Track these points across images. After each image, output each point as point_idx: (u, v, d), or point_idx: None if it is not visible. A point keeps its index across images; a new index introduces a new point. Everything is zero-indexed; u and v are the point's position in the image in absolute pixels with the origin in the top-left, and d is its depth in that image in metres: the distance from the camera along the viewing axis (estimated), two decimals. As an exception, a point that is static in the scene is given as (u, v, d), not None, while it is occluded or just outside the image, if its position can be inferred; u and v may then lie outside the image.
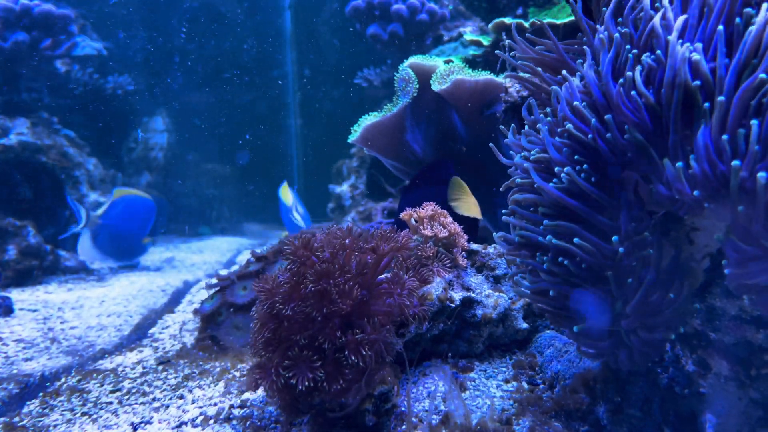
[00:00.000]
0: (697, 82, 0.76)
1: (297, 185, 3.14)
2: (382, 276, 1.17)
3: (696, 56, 0.77)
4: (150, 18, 5.22)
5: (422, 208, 1.51)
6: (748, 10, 0.79)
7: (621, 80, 0.88)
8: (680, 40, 0.79)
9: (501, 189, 1.18)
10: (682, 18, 0.83)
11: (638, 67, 0.90)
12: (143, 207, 3.29)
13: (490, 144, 1.31)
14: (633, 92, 0.86)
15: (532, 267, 1.05)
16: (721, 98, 0.71)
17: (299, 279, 1.09)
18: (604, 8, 1.12)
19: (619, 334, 0.95)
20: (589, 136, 0.93)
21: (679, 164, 0.75)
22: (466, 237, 1.52)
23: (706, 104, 0.74)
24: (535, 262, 1.02)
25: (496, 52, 1.36)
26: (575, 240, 0.92)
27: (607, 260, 0.92)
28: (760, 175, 0.65)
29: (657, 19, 0.86)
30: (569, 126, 0.96)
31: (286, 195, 3.00)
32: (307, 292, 1.06)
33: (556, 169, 0.97)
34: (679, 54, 0.76)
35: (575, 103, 0.96)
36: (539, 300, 1.04)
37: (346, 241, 1.14)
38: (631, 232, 0.89)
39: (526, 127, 1.16)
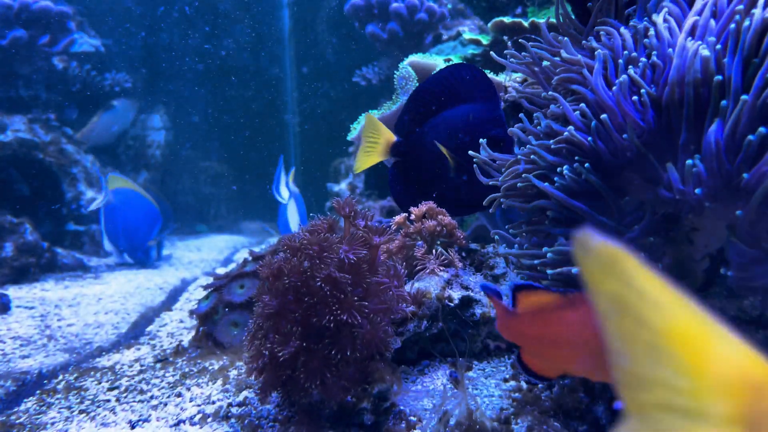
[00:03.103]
0: (719, 77, 0.75)
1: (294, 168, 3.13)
2: (377, 278, 1.17)
3: (706, 52, 0.77)
4: (148, 15, 5.20)
5: (418, 206, 1.51)
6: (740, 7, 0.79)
7: (623, 77, 0.88)
8: (690, 38, 0.79)
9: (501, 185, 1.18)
10: (692, 17, 0.83)
11: (631, 68, 0.91)
12: (152, 211, 3.30)
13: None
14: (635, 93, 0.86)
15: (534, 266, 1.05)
16: (744, 97, 0.71)
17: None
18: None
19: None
20: (589, 138, 0.93)
21: (688, 161, 0.75)
22: (463, 234, 1.52)
23: (723, 102, 0.73)
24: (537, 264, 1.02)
25: (491, 53, 1.35)
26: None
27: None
28: None
29: (660, 19, 0.86)
30: (567, 133, 0.96)
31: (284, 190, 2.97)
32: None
33: (558, 169, 0.97)
34: (690, 50, 0.76)
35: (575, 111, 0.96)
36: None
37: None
38: (635, 238, 0.89)
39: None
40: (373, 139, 1.63)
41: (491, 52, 1.36)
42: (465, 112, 1.49)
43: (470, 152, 1.29)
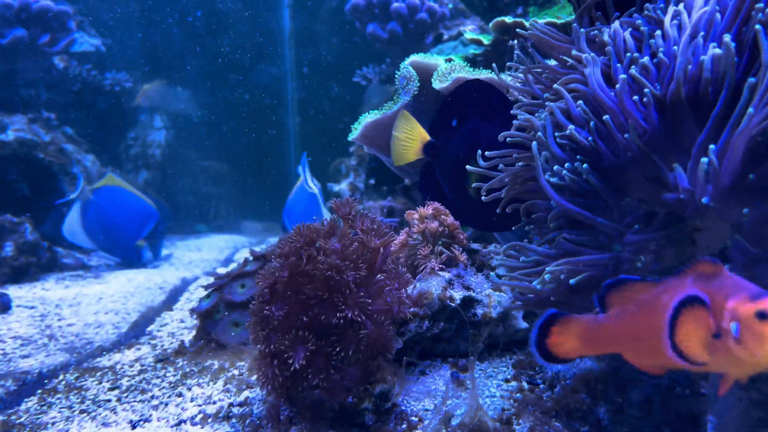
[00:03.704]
0: (752, 80, 0.73)
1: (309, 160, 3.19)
2: (380, 276, 1.17)
3: (718, 51, 0.76)
4: (148, 15, 5.20)
5: (424, 207, 1.51)
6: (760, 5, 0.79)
7: (622, 76, 0.88)
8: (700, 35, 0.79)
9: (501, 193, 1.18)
10: (698, 13, 0.83)
11: (633, 67, 0.90)
12: (143, 210, 3.29)
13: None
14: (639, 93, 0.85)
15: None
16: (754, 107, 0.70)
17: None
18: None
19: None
20: (589, 138, 0.93)
21: (704, 159, 0.74)
22: (464, 234, 1.52)
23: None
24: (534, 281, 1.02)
25: (492, 70, 1.35)
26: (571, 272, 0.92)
27: (608, 268, 0.92)
28: None
29: (667, 19, 0.85)
30: (569, 130, 0.95)
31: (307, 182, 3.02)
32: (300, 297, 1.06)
33: (556, 167, 0.97)
34: (709, 50, 0.75)
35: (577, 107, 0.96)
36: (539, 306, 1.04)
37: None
38: (639, 242, 0.89)
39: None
40: (410, 136, 1.66)
41: (492, 69, 1.36)
42: (483, 134, 1.51)
43: (468, 167, 1.29)
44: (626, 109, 0.85)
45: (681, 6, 0.88)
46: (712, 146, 0.72)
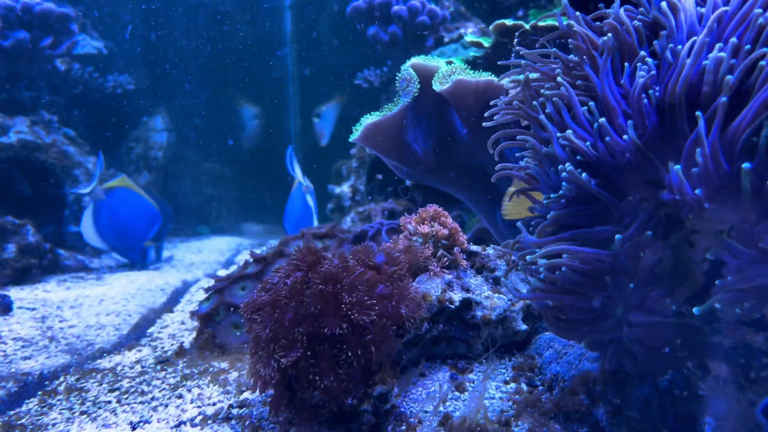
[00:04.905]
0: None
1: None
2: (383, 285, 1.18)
3: (723, 54, 0.76)
4: (150, 17, 5.22)
5: (425, 209, 1.52)
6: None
7: (641, 72, 0.88)
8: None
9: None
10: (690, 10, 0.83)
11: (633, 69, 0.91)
12: (150, 212, 3.31)
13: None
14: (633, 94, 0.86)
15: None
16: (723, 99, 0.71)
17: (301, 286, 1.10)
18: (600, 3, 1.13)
19: (622, 340, 0.95)
20: (588, 142, 0.93)
21: (674, 166, 0.75)
22: (465, 236, 1.52)
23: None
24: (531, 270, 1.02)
25: (498, 62, 1.36)
26: (564, 257, 0.92)
27: (606, 263, 0.92)
28: None
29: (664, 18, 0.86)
30: (568, 133, 0.96)
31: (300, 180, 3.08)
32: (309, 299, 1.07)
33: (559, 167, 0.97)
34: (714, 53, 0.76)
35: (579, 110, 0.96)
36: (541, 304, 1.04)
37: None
38: (631, 236, 0.89)
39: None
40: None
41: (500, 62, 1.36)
42: None
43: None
44: (640, 107, 0.85)
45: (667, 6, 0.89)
46: (711, 144, 0.73)
